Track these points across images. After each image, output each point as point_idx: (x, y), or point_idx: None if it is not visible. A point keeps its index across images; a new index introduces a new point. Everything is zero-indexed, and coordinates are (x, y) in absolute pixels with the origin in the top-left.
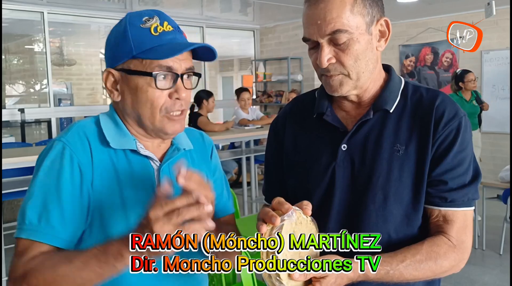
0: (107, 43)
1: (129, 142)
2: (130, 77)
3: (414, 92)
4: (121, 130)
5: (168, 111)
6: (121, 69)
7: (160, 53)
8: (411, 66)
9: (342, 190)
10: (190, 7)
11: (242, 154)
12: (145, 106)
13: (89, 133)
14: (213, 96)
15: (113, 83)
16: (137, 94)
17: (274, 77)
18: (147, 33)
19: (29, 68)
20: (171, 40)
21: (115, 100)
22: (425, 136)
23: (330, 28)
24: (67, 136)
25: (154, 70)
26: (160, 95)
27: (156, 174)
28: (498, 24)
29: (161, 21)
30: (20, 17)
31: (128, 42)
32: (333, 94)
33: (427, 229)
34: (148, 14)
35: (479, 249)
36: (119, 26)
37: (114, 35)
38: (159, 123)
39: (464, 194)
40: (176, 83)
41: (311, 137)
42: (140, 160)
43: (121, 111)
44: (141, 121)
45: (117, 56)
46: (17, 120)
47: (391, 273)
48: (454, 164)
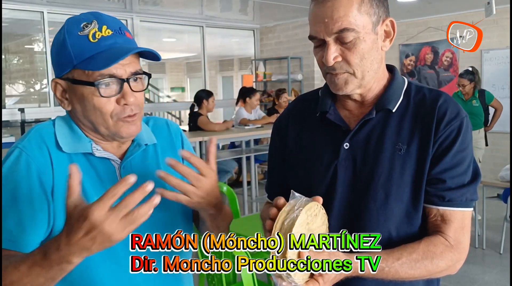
0: (51, 53)
1: (83, 146)
2: (75, 86)
3: (417, 92)
4: (76, 133)
5: (120, 117)
6: (66, 79)
7: (99, 62)
8: (411, 65)
9: (344, 189)
10: (190, 6)
11: (242, 154)
12: (95, 114)
13: (47, 138)
14: (213, 96)
15: (62, 92)
16: (84, 103)
17: (274, 76)
18: (85, 41)
19: (29, 68)
20: (110, 45)
21: (65, 109)
22: (427, 135)
23: (337, 27)
24: (24, 142)
25: (97, 79)
26: (107, 102)
27: (118, 172)
28: (498, 23)
29: (100, 25)
30: (20, 16)
31: (68, 51)
32: (337, 92)
33: (425, 229)
34: (86, 19)
35: (479, 248)
36: (59, 35)
37: (55, 45)
38: (114, 127)
39: (462, 194)
40: (123, 88)
41: (313, 135)
42: (100, 161)
43: (73, 119)
44: (95, 128)
45: (60, 66)
46: (17, 120)
47: (386, 270)
48: (454, 164)
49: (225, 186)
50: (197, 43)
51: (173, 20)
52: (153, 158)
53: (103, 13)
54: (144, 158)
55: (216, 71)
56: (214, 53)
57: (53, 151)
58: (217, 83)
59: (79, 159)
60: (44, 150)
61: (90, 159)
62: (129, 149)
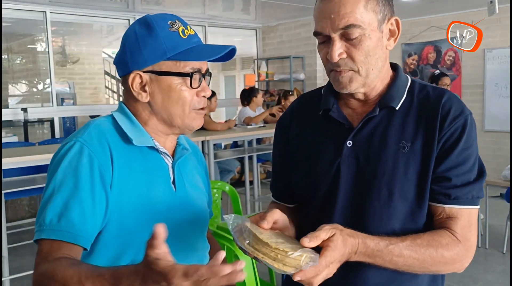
0: (128, 46)
1: (147, 140)
2: (162, 78)
3: (420, 90)
4: (138, 128)
5: (195, 108)
6: (151, 71)
7: (197, 55)
8: (413, 64)
9: (347, 186)
10: (192, 6)
11: (244, 153)
12: (177, 104)
13: (107, 132)
14: (215, 96)
15: (140, 84)
16: (169, 94)
17: (276, 76)
18: (177, 36)
19: (31, 68)
20: (198, 42)
21: (143, 101)
22: (431, 133)
23: (344, 23)
24: (84, 136)
25: (188, 71)
26: (190, 93)
27: (171, 170)
28: (500, 22)
29: (184, 25)
30: (22, 16)
31: (159, 44)
32: (341, 91)
33: (432, 228)
34: (170, 18)
35: (482, 248)
36: (142, 29)
37: (139, 38)
38: (189, 119)
39: (468, 192)
40: (202, 82)
41: (316, 133)
42: (155, 157)
43: (143, 111)
44: (170, 119)
45: (146, 58)
46: (20, 120)
47: (390, 247)
48: (459, 161)
49: (228, 185)
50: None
51: None
52: (190, 163)
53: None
54: (187, 161)
55: (218, 71)
56: None
57: (114, 145)
58: (219, 83)
59: (136, 153)
60: (105, 145)
61: (145, 153)
62: (177, 150)
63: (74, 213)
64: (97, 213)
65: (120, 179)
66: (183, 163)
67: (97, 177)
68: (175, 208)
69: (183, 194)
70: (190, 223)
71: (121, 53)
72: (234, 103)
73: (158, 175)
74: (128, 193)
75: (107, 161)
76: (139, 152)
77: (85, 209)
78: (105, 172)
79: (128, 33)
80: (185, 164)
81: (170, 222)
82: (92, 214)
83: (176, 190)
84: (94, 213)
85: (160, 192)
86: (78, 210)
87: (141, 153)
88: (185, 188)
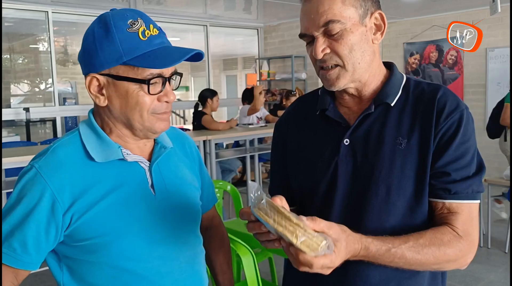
0: (86, 47)
1: (114, 152)
2: (119, 82)
3: (415, 86)
4: (103, 140)
5: (156, 112)
6: (108, 75)
7: (154, 61)
8: (415, 64)
9: (345, 184)
10: (193, 5)
11: (246, 153)
12: (134, 110)
13: (69, 155)
14: (217, 95)
15: (97, 87)
16: (127, 99)
17: (278, 75)
18: (136, 38)
19: (34, 67)
20: (160, 44)
21: (101, 105)
22: (427, 129)
23: (323, 20)
24: (41, 161)
25: (147, 77)
26: (150, 99)
27: (148, 174)
28: (502, 21)
29: (146, 24)
30: (24, 16)
31: (116, 48)
32: (330, 88)
33: (433, 223)
34: (131, 17)
35: (484, 247)
36: (100, 30)
37: (96, 39)
38: (148, 123)
39: (468, 186)
40: (165, 86)
41: (314, 133)
42: (126, 166)
43: (105, 115)
44: (129, 124)
45: (102, 61)
46: (22, 119)
47: (393, 251)
48: (457, 156)
49: (229, 185)
50: (201, 42)
51: (177, 19)
52: (173, 160)
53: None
54: (167, 160)
55: (220, 70)
56: (218, 52)
57: (75, 167)
58: (221, 82)
59: (111, 166)
60: (61, 171)
61: (121, 164)
62: (154, 151)
63: (15, 241)
64: (43, 242)
65: (86, 199)
66: (163, 162)
67: (46, 207)
68: (158, 211)
69: (165, 195)
70: (177, 221)
71: (81, 54)
72: (235, 103)
73: (132, 183)
74: (99, 207)
75: (62, 188)
76: (109, 165)
77: (27, 239)
78: (59, 198)
79: (87, 32)
80: (166, 162)
81: (155, 224)
82: (36, 243)
83: (156, 193)
84: (38, 242)
85: (137, 199)
86: (20, 239)
87: (111, 166)
88: (166, 188)
